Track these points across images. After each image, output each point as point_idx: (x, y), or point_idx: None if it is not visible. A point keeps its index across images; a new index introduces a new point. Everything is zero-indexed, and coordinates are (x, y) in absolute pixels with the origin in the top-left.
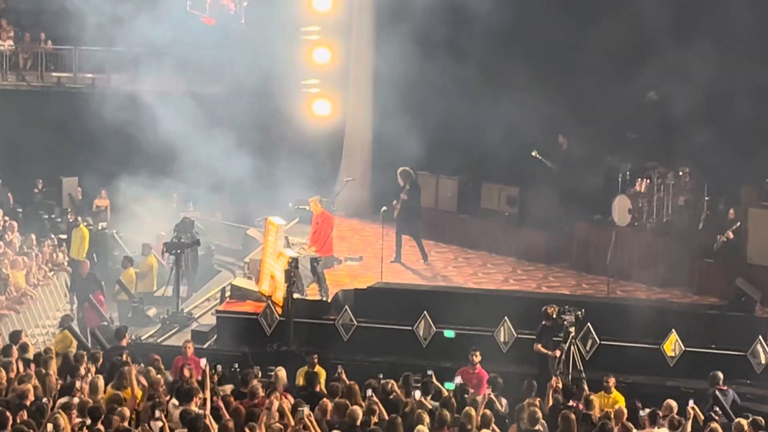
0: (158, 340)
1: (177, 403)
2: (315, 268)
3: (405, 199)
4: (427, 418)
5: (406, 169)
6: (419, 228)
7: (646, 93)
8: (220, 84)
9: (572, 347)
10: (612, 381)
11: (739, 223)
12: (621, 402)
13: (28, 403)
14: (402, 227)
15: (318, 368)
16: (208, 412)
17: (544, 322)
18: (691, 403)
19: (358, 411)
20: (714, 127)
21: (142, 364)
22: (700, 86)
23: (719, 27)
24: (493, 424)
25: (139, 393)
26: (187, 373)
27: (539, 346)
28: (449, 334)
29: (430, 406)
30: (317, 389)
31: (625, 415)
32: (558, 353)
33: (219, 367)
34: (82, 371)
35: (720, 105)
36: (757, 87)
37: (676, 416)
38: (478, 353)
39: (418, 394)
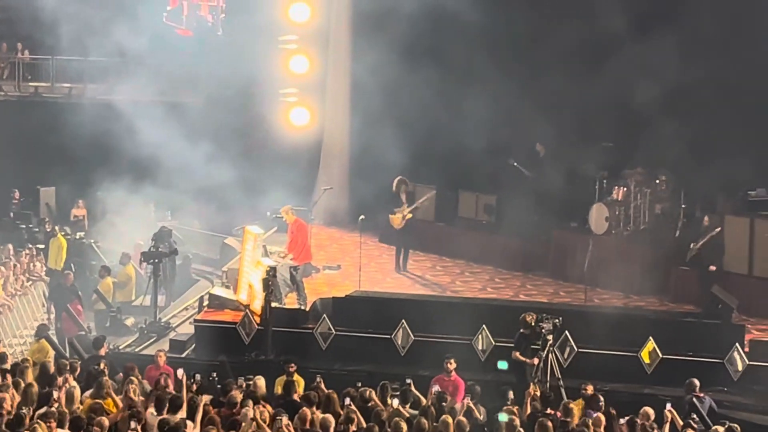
0: (136, 350)
1: (155, 412)
2: (294, 277)
3: (418, 208)
4: (405, 427)
5: (402, 179)
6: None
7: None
8: (198, 94)
9: (550, 355)
10: (590, 389)
11: (719, 229)
12: None
13: (4, 412)
14: (406, 239)
15: (296, 377)
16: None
17: (522, 330)
18: (668, 406)
19: (331, 419)
20: (691, 135)
21: (121, 374)
22: (679, 95)
23: (701, 34)
24: None
25: (119, 403)
26: (162, 381)
27: (517, 353)
28: (503, 365)
29: (408, 415)
30: (295, 398)
31: (603, 423)
32: (536, 361)
33: (198, 377)
34: (60, 381)
35: (698, 113)
36: (734, 95)
37: (648, 423)
38: (452, 361)
39: (396, 402)
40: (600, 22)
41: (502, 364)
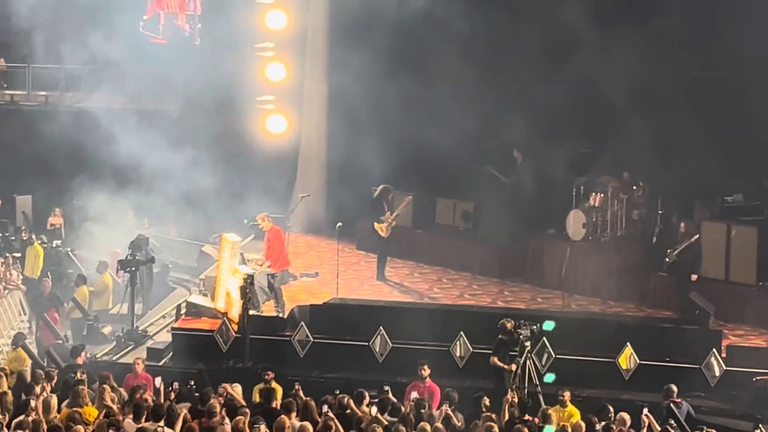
0: (113, 358)
1: (132, 421)
2: (272, 284)
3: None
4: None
5: (386, 186)
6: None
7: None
8: (175, 101)
9: (528, 361)
10: (567, 395)
11: (698, 236)
12: (576, 416)
13: None
14: (391, 247)
15: (275, 385)
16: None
17: (500, 336)
18: (645, 410)
19: (309, 427)
20: (668, 141)
21: (95, 383)
22: (657, 102)
23: (679, 39)
24: None
25: (95, 411)
26: (141, 390)
27: (495, 359)
28: (548, 326)
29: (386, 422)
30: (273, 406)
31: (583, 429)
32: (514, 367)
33: (176, 385)
34: (38, 390)
35: (675, 120)
36: (712, 102)
37: (625, 429)
38: (426, 367)
39: (374, 409)
40: (569, 28)
41: (548, 325)
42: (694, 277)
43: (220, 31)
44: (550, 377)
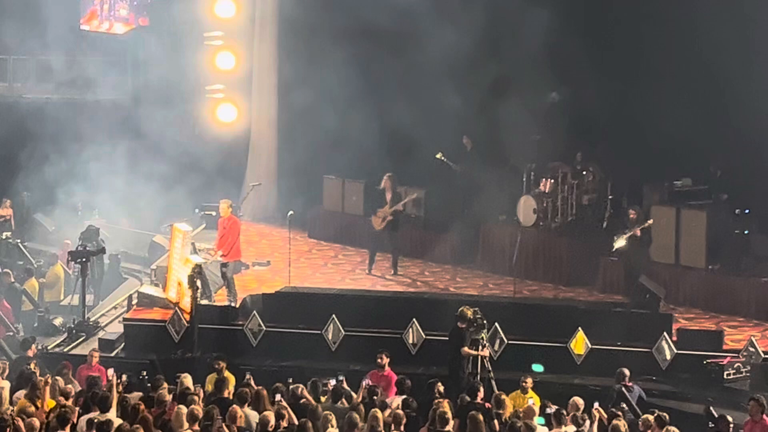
0: (65, 350)
1: (84, 412)
2: (224, 274)
3: (401, 210)
4: (334, 421)
5: (392, 175)
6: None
7: (549, 94)
8: (124, 92)
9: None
10: (530, 381)
11: (650, 221)
12: (537, 402)
13: None
14: (387, 239)
15: (227, 374)
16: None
17: (459, 324)
18: (596, 405)
19: (269, 416)
20: (616, 127)
21: (49, 375)
22: (606, 87)
23: (629, 22)
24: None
25: (50, 403)
26: (93, 381)
27: (466, 349)
28: (538, 368)
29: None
30: (226, 395)
31: (536, 414)
32: (486, 352)
33: (124, 377)
34: None
35: (623, 105)
36: (659, 86)
37: (579, 414)
38: (384, 355)
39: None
40: (510, 12)
41: (537, 367)
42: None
43: (169, 19)
44: (538, 367)
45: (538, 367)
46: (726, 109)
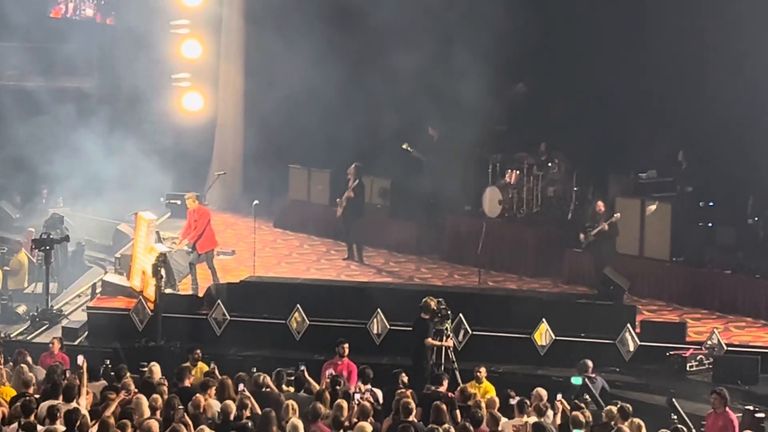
0: (28, 338)
1: (51, 400)
2: (192, 264)
3: (351, 197)
4: (297, 408)
5: (359, 165)
6: (359, 227)
7: (515, 85)
8: (89, 80)
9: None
10: (483, 371)
11: (618, 215)
12: (491, 392)
13: None
14: (349, 224)
15: (201, 364)
16: (86, 408)
17: (423, 315)
18: (559, 396)
19: (232, 405)
20: (582, 118)
21: (11, 363)
22: (572, 79)
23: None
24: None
25: (12, 391)
26: (57, 369)
27: (430, 340)
28: (577, 381)
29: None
30: (187, 384)
31: (497, 405)
32: (450, 342)
33: (85, 365)
34: None
35: (588, 96)
36: (626, 80)
37: (542, 404)
38: (345, 345)
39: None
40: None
41: (576, 380)
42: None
43: (135, 8)
44: (577, 380)
45: (577, 380)
46: (692, 102)
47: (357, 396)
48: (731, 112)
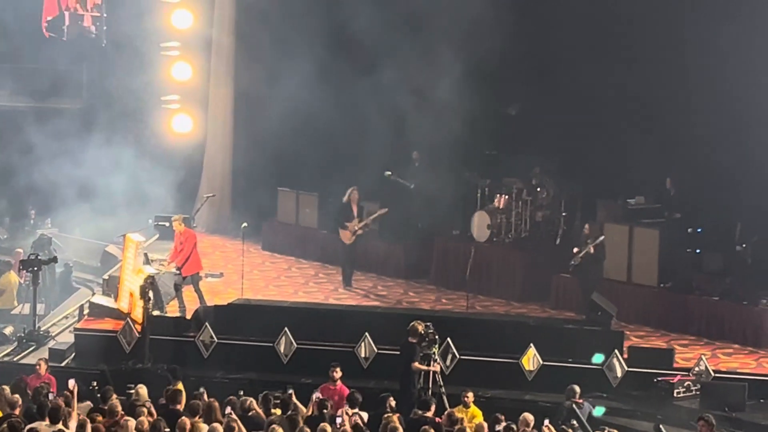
0: (15, 359)
1: (29, 423)
2: (178, 285)
3: (369, 225)
4: None
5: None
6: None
7: (506, 108)
8: (80, 101)
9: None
10: (471, 396)
11: (603, 237)
12: (479, 417)
13: None
14: (354, 255)
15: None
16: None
17: (410, 339)
18: (546, 421)
19: (219, 429)
20: (571, 143)
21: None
22: (560, 105)
23: (584, 44)
24: None
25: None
26: (44, 390)
27: (417, 364)
28: (599, 358)
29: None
30: (178, 408)
31: (485, 430)
32: (438, 367)
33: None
34: None
35: (577, 122)
36: (616, 104)
37: (529, 429)
38: (338, 369)
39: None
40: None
41: (598, 358)
42: None
43: (126, 29)
44: (600, 410)
45: (599, 358)
46: (681, 128)
47: (338, 420)
48: (720, 140)
